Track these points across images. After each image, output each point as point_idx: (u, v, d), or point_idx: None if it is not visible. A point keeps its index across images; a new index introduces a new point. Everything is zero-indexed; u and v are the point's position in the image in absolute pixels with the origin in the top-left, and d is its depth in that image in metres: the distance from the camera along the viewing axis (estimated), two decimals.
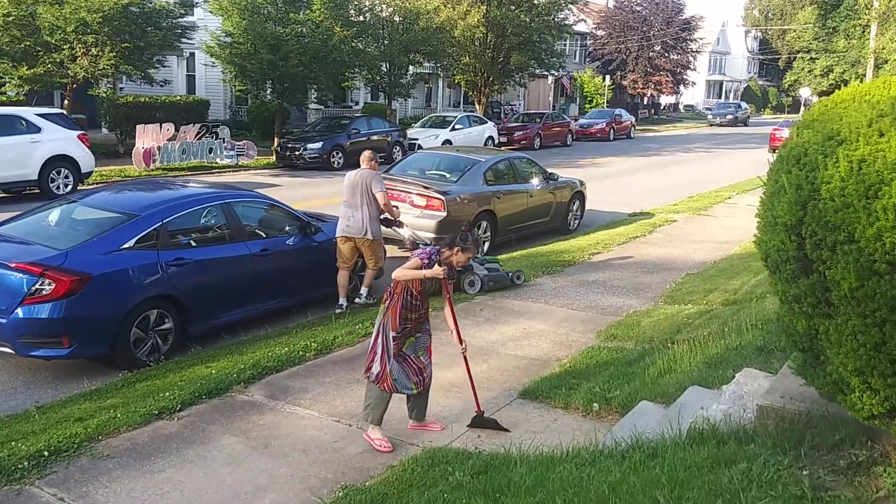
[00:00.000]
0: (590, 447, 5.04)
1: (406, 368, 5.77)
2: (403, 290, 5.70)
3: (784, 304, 3.42)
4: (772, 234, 3.28)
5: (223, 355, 7.48)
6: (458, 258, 5.75)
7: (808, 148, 3.25)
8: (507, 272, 10.39)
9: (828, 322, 3.17)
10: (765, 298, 8.67)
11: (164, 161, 20.86)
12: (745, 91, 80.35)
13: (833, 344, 3.16)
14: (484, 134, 30.77)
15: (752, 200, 18.60)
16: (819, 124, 3.40)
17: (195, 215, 8.22)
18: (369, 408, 5.77)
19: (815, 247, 3.06)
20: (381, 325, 5.75)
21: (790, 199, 3.12)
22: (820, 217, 3.00)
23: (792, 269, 3.20)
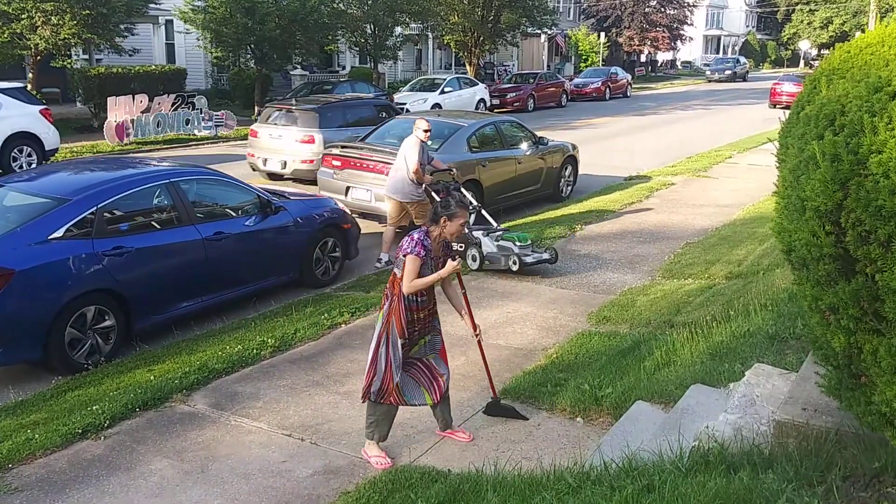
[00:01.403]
0: (574, 468, 4.24)
1: (418, 376, 5.01)
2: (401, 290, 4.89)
3: (814, 313, 2.59)
4: (799, 223, 2.44)
5: (170, 355, 6.68)
6: (450, 229, 4.90)
7: (845, 104, 2.40)
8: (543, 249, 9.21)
9: (877, 340, 2.35)
10: (772, 271, 7.85)
11: (139, 135, 19.90)
12: (743, 45, 78.66)
13: (884, 370, 2.34)
14: (475, 96, 29.72)
15: (754, 159, 17.89)
16: (856, 72, 2.52)
17: (136, 197, 7.35)
18: (374, 425, 5.00)
19: (862, 241, 2.23)
20: (381, 335, 4.91)
21: (824, 176, 2.28)
22: (868, 200, 2.17)
23: (827, 269, 2.37)
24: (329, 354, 6.66)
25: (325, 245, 8.75)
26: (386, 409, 4.98)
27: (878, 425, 2.64)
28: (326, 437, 5.25)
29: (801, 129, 2.63)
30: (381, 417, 4.99)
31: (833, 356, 2.65)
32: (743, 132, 23.73)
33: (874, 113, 2.26)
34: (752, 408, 4.29)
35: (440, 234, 4.91)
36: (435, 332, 5.10)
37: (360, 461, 4.96)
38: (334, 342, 6.92)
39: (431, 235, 4.91)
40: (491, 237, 9.28)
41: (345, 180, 11.15)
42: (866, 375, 2.62)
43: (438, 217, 4.90)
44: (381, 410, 4.98)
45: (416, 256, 4.77)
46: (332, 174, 11.36)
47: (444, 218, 4.87)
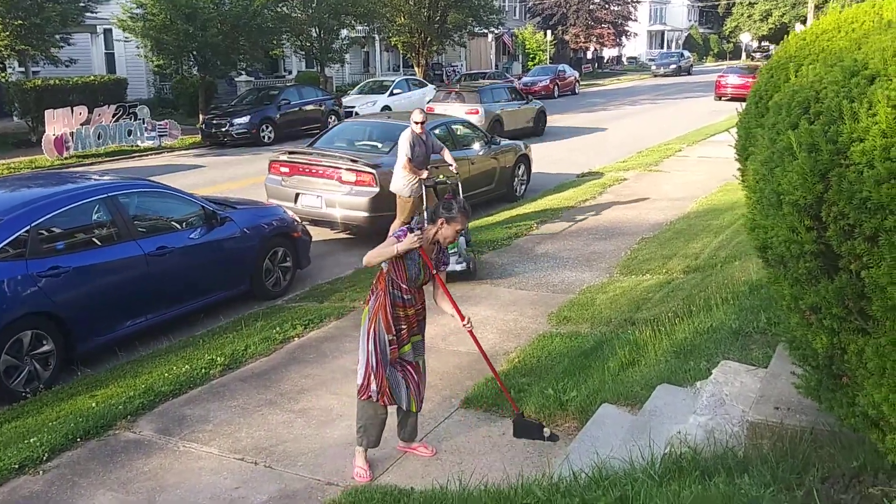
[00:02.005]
0: (543, 480, 4.06)
1: (406, 378, 4.78)
2: (387, 283, 4.67)
3: (792, 313, 2.43)
4: (775, 218, 2.28)
5: (113, 379, 6.34)
6: (445, 232, 4.70)
7: (820, 90, 2.24)
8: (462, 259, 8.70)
9: (863, 340, 2.20)
10: (730, 263, 7.79)
11: (80, 148, 19.27)
12: (686, 40, 79.81)
13: (871, 371, 2.19)
14: (425, 98, 29.38)
15: (704, 152, 18.00)
16: (828, 57, 2.37)
17: (73, 214, 6.97)
18: (363, 430, 4.80)
19: (845, 236, 2.07)
20: (369, 332, 4.70)
21: (802, 168, 2.12)
22: (852, 192, 2.02)
23: (808, 266, 2.21)
24: (282, 370, 6.38)
25: (274, 255, 8.46)
26: (373, 412, 4.77)
27: (861, 427, 2.50)
28: (281, 460, 4.99)
29: (771, 118, 2.48)
30: (370, 422, 4.79)
31: (813, 356, 2.50)
32: (691, 125, 23.93)
33: (853, 98, 2.11)
34: (723, 408, 4.15)
35: (434, 235, 4.72)
36: (421, 336, 4.90)
37: (318, 483, 4.71)
38: (287, 357, 6.65)
39: (426, 234, 4.71)
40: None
41: (294, 187, 10.85)
42: (848, 376, 2.47)
43: (437, 217, 4.71)
44: (368, 414, 4.77)
45: (397, 238, 4.59)
46: (281, 181, 11.05)
47: (442, 220, 4.68)
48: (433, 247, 4.75)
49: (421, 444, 5.07)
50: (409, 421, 4.97)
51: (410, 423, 4.98)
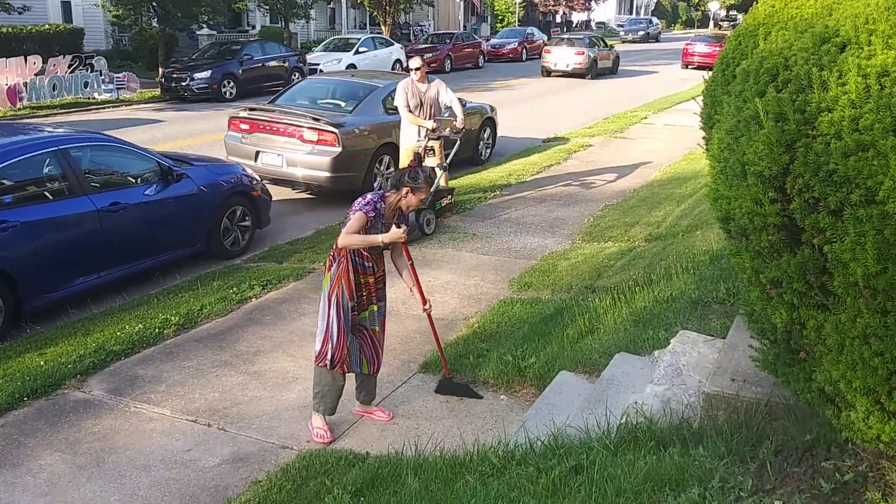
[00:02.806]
0: (499, 447, 4.03)
1: (362, 343, 4.72)
2: (349, 251, 4.57)
3: (753, 286, 2.40)
4: (739, 189, 2.22)
5: (63, 337, 6.17)
6: (409, 201, 4.64)
7: (789, 57, 2.18)
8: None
9: (822, 316, 2.17)
10: (692, 233, 7.81)
11: (33, 98, 18.67)
12: (656, 6, 79.59)
13: (829, 347, 2.17)
14: (391, 57, 29.08)
15: (670, 119, 18.02)
16: (799, 23, 2.30)
17: (22, 167, 6.72)
18: (319, 395, 4.74)
19: (809, 209, 2.03)
20: (330, 297, 4.60)
21: (769, 137, 2.06)
22: (818, 164, 1.96)
23: (771, 240, 2.17)
24: (238, 331, 6.27)
25: (233, 214, 8.27)
26: (331, 379, 4.70)
27: (817, 403, 2.49)
28: (235, 422, 4.91)
29: (738, 85, 2.41)
30: (326, 389, 4.72)
31: (772, 331, 2.48)
32: (657, 93, 23.93)
33: (822, 66, 2.05)
34: (679, 377, 4.16)
35: (397, 202, 4.63)
36: (383, 301, 4.83)
37: (272, 447, 4.65)
38: (244, 318, 6.54)
39: (387, 200, 4.62)
40: None
41: (254, 145, 10.61)
42: (806, 351, 2.45)
43: (401, 185, 4.60)
44: (325, 381, 4.71)
45: (364, 214, 4.48)
46: (241, 138, 10.80)
47: (407, 189, 4.59)
48: (395, 213, 4.66)
49: (378, 408, 5.03)
50: (366, 384, 4.93)
51: (367, 386, 4.94)
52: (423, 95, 9.47)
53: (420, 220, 8.67)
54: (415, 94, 9.45)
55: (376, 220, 4.53)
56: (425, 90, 9.48)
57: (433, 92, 9.52)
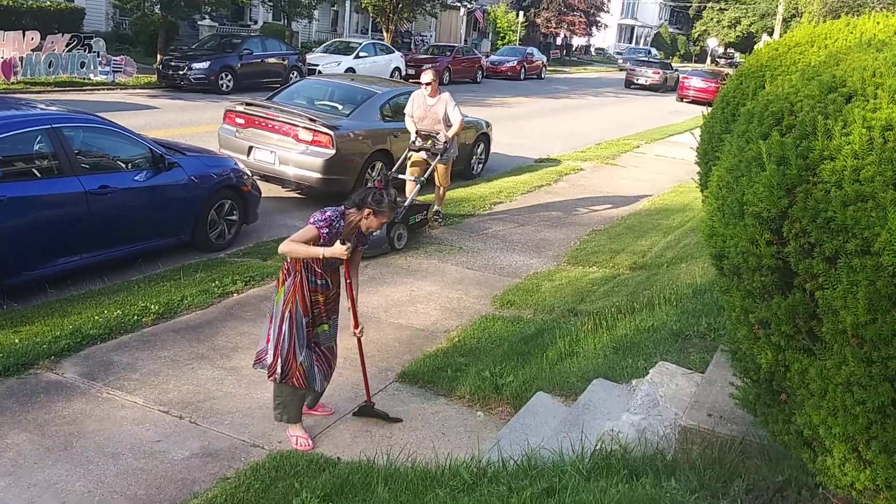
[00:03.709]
0: (472, 463, 4.03)
1: (320, 362, 4.66)
2: (303, 267, 4.49)
3: (741, 325, 2.42)
4: (736, 228, 2.25)
5: (40, 316, 6.11)
6: (370, 223, 4.53)
7: (795, 102, 2.20)
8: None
9: (807, 361, 2.19)
10: (677, 265, 7.86)
11: (28, 74, 18.52)
12: (655, 37, 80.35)
13: (812, 392, 2.19)
14: (390, 64, 29.13)
15: (661, 150, 18.17)
16: (804, 70, 2.34)
17: (13, 142, 6.66)
18: (281, 406, 4.68)
19: (804, 254, 2.05)
20: (282, 312, 4.52)
21: (770, 180, 2.09)
22: (817, 210, 1.99)
23: (763, 281, 2.19)
24: (217, 325, 6.24)
25: (221, 207, 8.23)
26: (292, 389, 4.66)
27: (793, 445, 2.51)
28: (207, 416, 4.87)
29: (742, 126, 2.44)
30: (289, 398, 4.68)
31: (755, 370, 2.50)
32: (651, 123, 24.14)
33: (828, 115, 2.08)
34: (656, 408, 4.18)
35: (357, 221, 4.53)
36: (335, 316, 4.75)
37: (243, 444, 4.62)
38: (224, 312, 6.50)
39: (347, 218, 4.52)
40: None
41: (248, 140, 10.58)
42: (787, 394, 2.47)
43: (364, 205, 4.50)
44: (287, 391, 4.66)
45: (316, 229, 4.42)
46: (235, 132, 10.76)
47: (369, 210, 4.49)
48: (353, 231, 4.56)
49: (320, 404, 5.04)
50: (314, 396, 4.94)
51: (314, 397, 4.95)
52: (429, 109, 9.45)
53: (391, 233, 8.49)
54: (420, 105, 9.48)
55: (331, 237, 4.43)
56: (432, 104, 9.45)
57: (439, 108, 9.44)
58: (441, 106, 9.41)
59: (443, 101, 9.44)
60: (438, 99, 9.46)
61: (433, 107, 9.44)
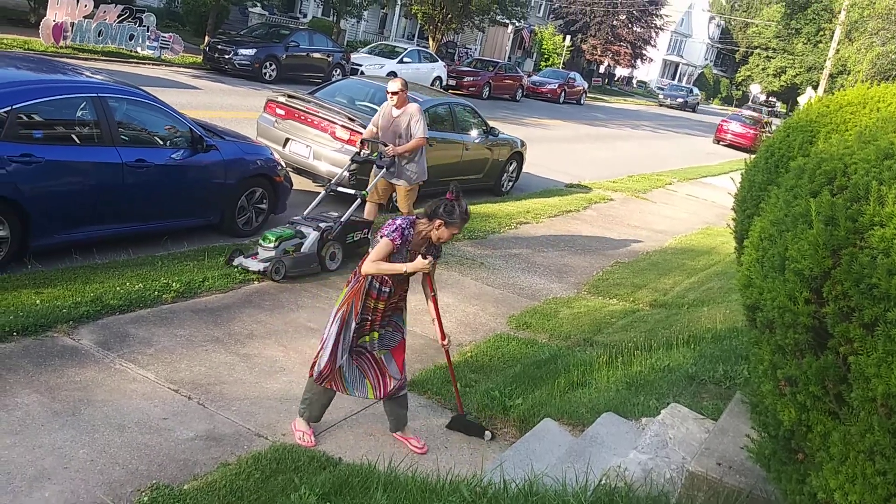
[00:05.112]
0: (473, 481, 4.01)
1: (363, 366, 4.65)
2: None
3: (767, 379, 2.40)
4: (775, 282, 2.23)
5: (63, 280, 6.17)
6: (440, 233, 4.48)
7: (849, 164, 2.19)
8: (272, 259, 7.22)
9: (831, 424, 2.17)
10: (698, 308, 7.81)
11: (77, 40, 18.79)
12: (698, 77, 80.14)
13: (832, 456, 2.16)
14: (432, 73, 29.27)
15: (693, 190, 18.09)
16: (861, 132, 2.32)
17: (59, 106, 6.76)
18: (306, 402, 4.73)
19: (842, 317, 2.03)
20: (336, 314, 4.55)
21: (816, 239, 2.07)
22: (860, 275, 1.97)
23: (797, 338, 2.17)
24: (235, 311, 6.27)
25: (252, 194, 8.29)
26: (322, 390, 4.68)
27: None
28: (216, 400, 4.90)
29: (791, 180, 2.43)
30: (316, 398, 4.70)
31: (775, 426, 2.47)
32: (685, 162, 24.04)
33: (882, 181, 2.07)
34: (664, 450, 4.14)
35: (427, 232, 4.50)
36: (394, 329, 4.72)
37: (247, 432, 4.63)
38: (243, 298, 6.54)
39: (417, 228, 4.50)
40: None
41: (285, 131, 10.66)
42: (805, 454, 2.44)
43: (435, 216, 4.46)
44: (317, 390, 4.69)
45: (391, 242, 4.40)
46: (274, 122, 10.85)
47: (440, 221, 4.45)
48: (423, 242, 4.54)
49: (414, 436, 4.94)
50: (387, 409, 4.87)
51: (389, 412, 4.87)
52: (392, 121, 8.41)
53: (324, 252, 7.57)
54: (385, 115, 8.46)
55: (402, 247, 4.44)
56: (397, 116, 8.38)
57: (402, 120, 8.37)
58: (405, 118, 8.38)
59: (408, 114, 8.40)
60: (404, 111, 8.40)
61: (397, 118, 8.39)
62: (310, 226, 7.60)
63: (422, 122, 8.39)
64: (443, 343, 4.83)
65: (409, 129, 8.37)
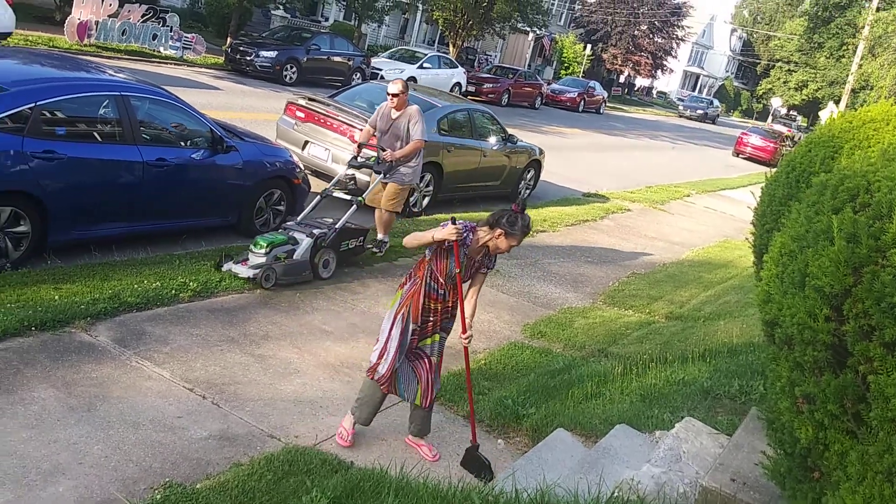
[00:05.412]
0: (484, 489, 4.01)
1: (419, 370, 4.67)
2: (426, 272, 4.53)
3: (784, 396, 2.38)
4: (794, 298, 2.22)
5: (81, 277, 6.21)
6: (498, 243, 4.44)
7: (872, 182, 2.17)
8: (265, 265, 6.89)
9: (849, 443, 2.15)
10: (714, 322, 7.77)
11: (101, 38, 18.98)
12: (719, 89, 79.84)
13: (849, 476, 2.14)
14: (452, 78, 29.30)
15: (711, 203, 17.99)
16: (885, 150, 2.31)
17: (82, 103, 6.83)
18: (359, 402, 4.77)
19: (863, 335, 2.01)
20: (396, 315, 4.57)
21: (838, 256, 2.06)
22: (881, 294, 1.96)
23: (816, 356, 2.16)
24: (251, 311, 6.29)
25: (270, 195, 8.33)
26: (372, 391, 4.70)
27: None
28: (230, 400, 4.91)
29: (813, 196, 2.41)
30: (367, 399, 4.73)
31: (791, 443, 2.45)
32: (703, 174, 23.93)
33: None
34: (678, 464, 4.12)
35: (486, 240, 4.47)
36: (446, 333, 4.73)
37: (260, 433, 4.64)
38: (260, 300, 6.56)
39: (477, 234, 4.48)
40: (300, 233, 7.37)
41: (305, 134, 10.72)
42: (821, 472, 2.42)
43: (497, 225, 4.43)
44: (368, 392, 4.72)
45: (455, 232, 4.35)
46: (294, 125, 10.91)
47: (501, 231, 4.40)
48: (481, 249, 4.52)
49: (428, 444, 4.94)
50: (418, 415, 4.86)
51: (419, 418, 4.87)
52: (391, 123, 8.25)
53: (316, 259, 7.26)
54: (384, 117, 8.30)
55: (460, 246, 4.41)
56: (396, 118, 8.19)
57: (401, 123, 8.18)
58: (404, 121, 8.17)
59: (406, 116, 8.17)
60: (403, 112, 8.18)
61: (396, 121, 8.20)
62: (303, 232, 7.30)
63: (421, 125, 8.18)
64: (462, 335, 4.65)
65: (408, 132, 8.19)
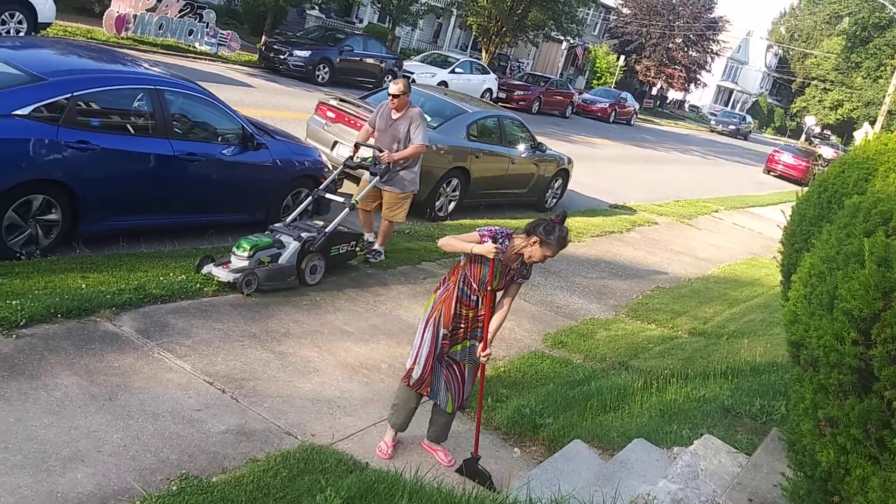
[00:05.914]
0: (498, 497, 4.00)
1: (449, 377, 4.66)
2: (460, 278, 4.53)
3: (807, 418, 2.35)
4: (822, 320, 2.19)
5: (108, 267, 6.28)
6: (532, 251, 4.37)
7: None
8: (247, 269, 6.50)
9: (871, 469, 2.11)
10: (738, 339, 7.69)
11: (138, 32, 19.26)
12: (752, 105, 79.12)
13: (870, 501, 2.11)
14: (483, 84, 29.31)
15: (739, 220, 17.83)
16: None
17: (117, 95, 6.91)
18: (395, 408, 4.80)
19: (890, 360, 1.98)
20: (428, 320, 4.61)
21: (868, 279, 2.03)
22: None
23: (840, 379, 2.12)
24: (274, 308, 6.32)
25: (298, 194, 8.37)
26: (407, 396, 4.73)
27: None
28: (249, 395, 4.94)
29: (845, 218, 2.38)
30: (402, 403, 4.75)
31: (812, 466, 2.42)
32: (733, 190, 23.73)
33: None
34: (695, 481, 4.08)
35: (522, 247, 4.42)
36: (476, 341, 4.68)
37: (277, 430, 4.66)
38: (282, 297, 6.59)
39: (512, 242, 4.44)
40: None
41: (335, 134, 10.77)
42: (840, 496, 2.39)
43: (533, 233, 4.38)
44: (402, 397, 4.74)
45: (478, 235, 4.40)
46: (324, 125, 10.98)
47: (536, 239, 4.34)
48: (517, 257, 4.47)
49: (444, 449, 4.95)
50: (439, 421, 4.87)
51: (439, 423, 4.87)
52: (390, 125, 7.89)
53: (303, 264, 6.88)
54: (383, 117, 7.95)
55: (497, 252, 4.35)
56: (396, 119, 7.84)
57: (401, 125, 7.81)
58: (404, 123, 7.79)
59: (407, 118, 7.81)
60: (404, 114, 7.82)
61: (396, 122, 7.83)
62: (290, 235, 6.93)
63: (422, 128, 7.83)
64: (482, 353, 4.61)
65: (408, 135, 7.82)
